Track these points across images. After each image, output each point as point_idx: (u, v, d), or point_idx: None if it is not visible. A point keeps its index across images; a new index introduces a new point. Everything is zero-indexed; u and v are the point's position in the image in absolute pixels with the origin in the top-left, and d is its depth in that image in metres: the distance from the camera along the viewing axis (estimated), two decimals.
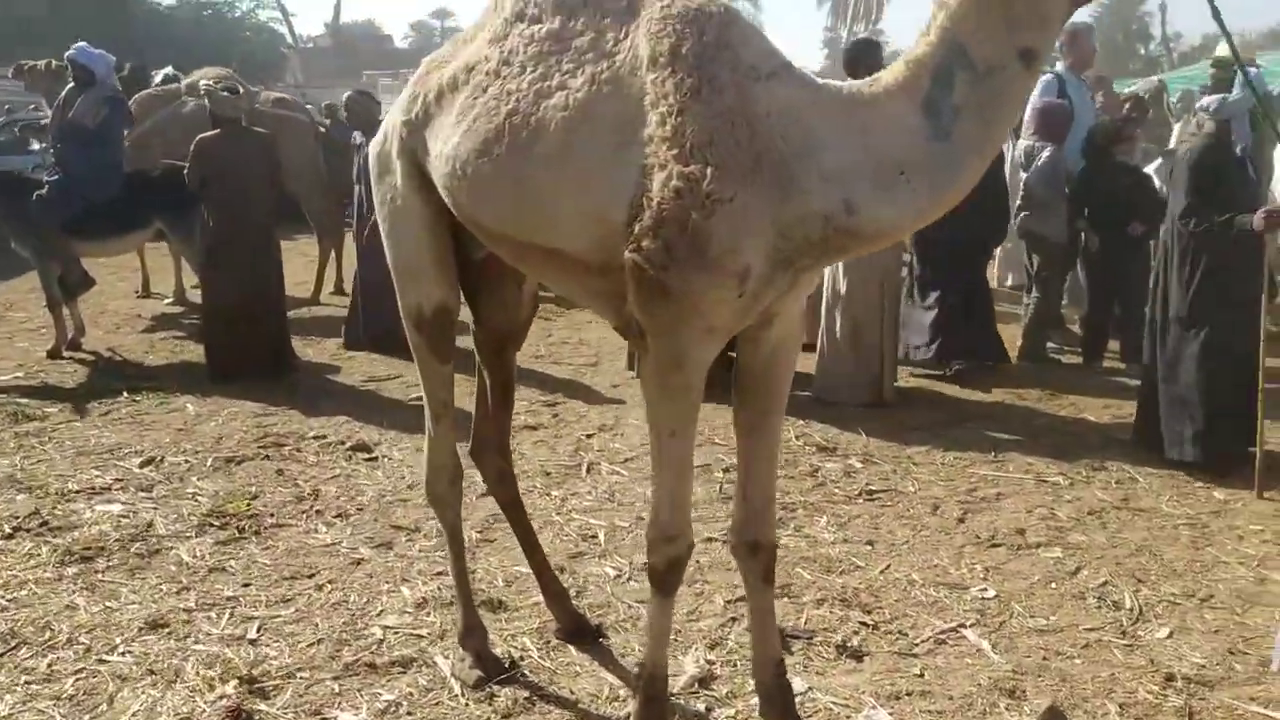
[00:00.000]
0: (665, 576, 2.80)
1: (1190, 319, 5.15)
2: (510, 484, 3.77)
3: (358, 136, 8.41)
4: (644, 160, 2.41)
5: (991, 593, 4.01)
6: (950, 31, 2.22)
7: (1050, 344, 7.61)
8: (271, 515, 4.81)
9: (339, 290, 10.18)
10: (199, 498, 5.02)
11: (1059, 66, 7.19)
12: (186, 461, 5.55)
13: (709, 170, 2.33)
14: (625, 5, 2.57)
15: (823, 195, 2.35)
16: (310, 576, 4.21)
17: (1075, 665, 3.49)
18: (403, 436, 5.96)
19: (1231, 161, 5.25)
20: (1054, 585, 4.08)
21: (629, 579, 4.18)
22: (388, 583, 4.15)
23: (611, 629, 3.77)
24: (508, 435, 3.84)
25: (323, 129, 11.23)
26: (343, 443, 5.88)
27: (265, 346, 7.31)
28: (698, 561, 4.29)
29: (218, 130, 7.13)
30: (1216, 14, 2.33)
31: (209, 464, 5.51)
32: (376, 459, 5.63)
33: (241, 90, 7.65)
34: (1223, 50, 6.72)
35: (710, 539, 4.52)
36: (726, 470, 5.38)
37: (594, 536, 4.59)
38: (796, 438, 5.91)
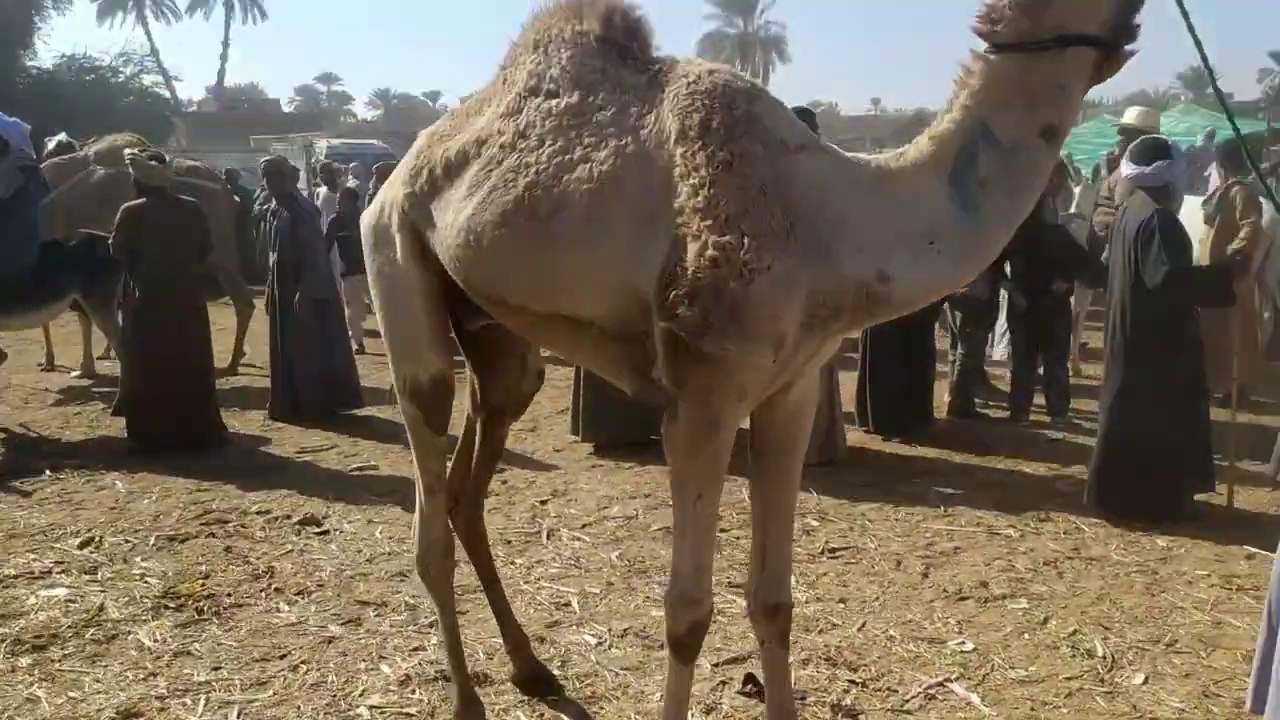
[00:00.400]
0: (687, 640, 2.81)
1: (1137, 378, 5.36)
2: (479, 532, 3.77)
3: (274, 204, 8.33)
4: (675, 231, 2.45)
5: (970, 646, 4.09)
6: (973, 110, 2.33)
7: (976, 399, 7.85)
8: (229, 595, 4.65)
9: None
10: (148, 579, 4.83)
11: None
12: (127, 541, 5.34)
13: (745, 240, 2.38)
14: (646, 81, 2.63)
15: (857, 264, 2.42)
16: (282, 657, 4.07)
17: (1063, 714, 3.59)
18: (351, 509, 5.84)
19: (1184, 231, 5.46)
20: (1027, 636, 4.19)
21: (610, 646, 4.15)
22: (364, 660, 4.04)
23: (602, 699, 3.74)
24: (484, 492, 3.82)
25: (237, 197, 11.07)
26: (289, 517, 5.73)
27: (192, 419, 7.12)
28: None
29: (144, 199, 6.96)
30: (1209, 72, 2.44)
31: (151, 543, 5.31)
32: (328, 533, 5.49)
33: (168, 158, 7.50)
34: (1129, 118, 7.11)
35: None
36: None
37: (567, 604, 4.54)
38: (749, 497, 5.94)
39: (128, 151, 7.31)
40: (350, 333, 11.10)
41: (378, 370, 10.03)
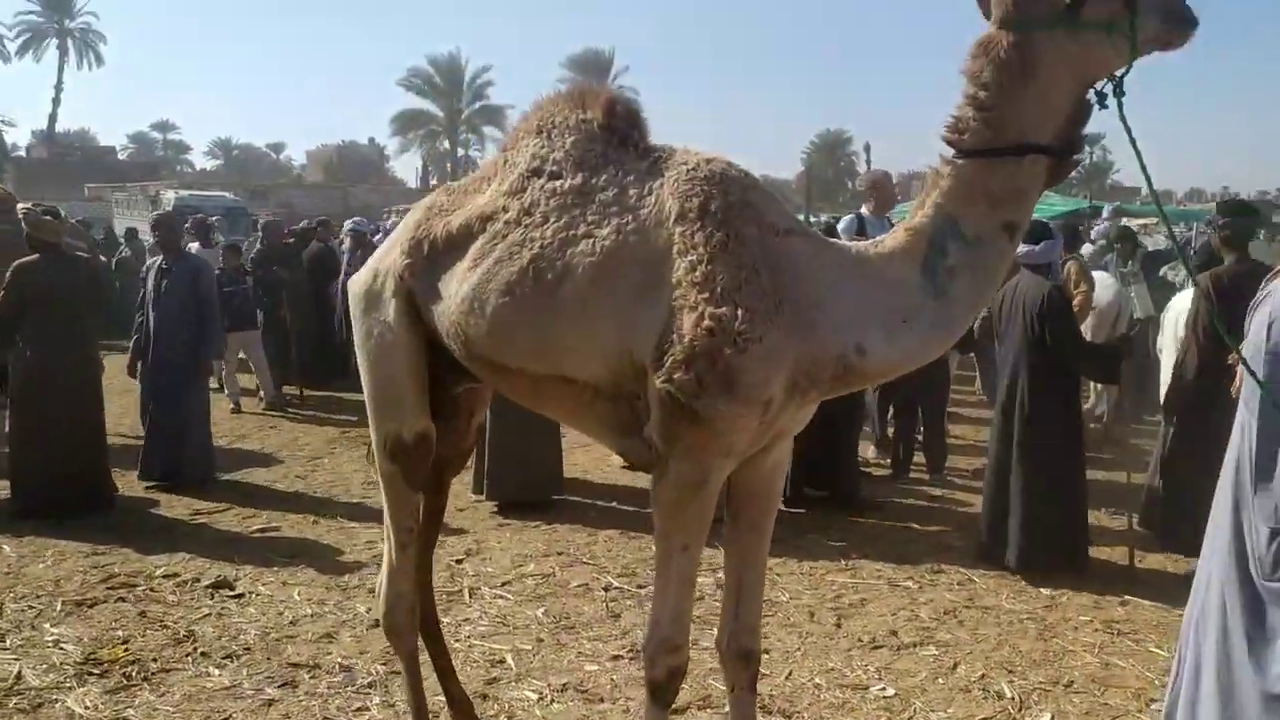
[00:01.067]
0: (666, 686, 2.97)
1: (1021, 441, 5.82)
2: (428, 587, 3.85)
3: (160, 259, 8.08)
4: (673, 302, 2.67)
5: (891, 691, 4.37)
6: (943, 207, 2.63)
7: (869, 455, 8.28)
8: (154, 659, 4.57)
9: None
10: (63, 645, 4.70)
11: (864, 208, 7.99)
12: (31, 607, 5.16)
13: (739, 312, 2.61)
14: (647, 166, 2.85)
15: (837, 339, 2.68)
16: None
17: None
18: (262, 571, 5.78)
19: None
20: (940, 680, 4.49)
21: (552, 701, 4.26)
22: None
23: None
24: (432, 546, 3.92)
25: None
26: (198, 580, 5.63)
27: (83, 480, 6.90)
28: (612, 680, 4.45)
29: (37, 255, 6.77)
30: (1140, 159, 2.74)
31: (58, 609, 5.15)
32: (243, 596, 5.42)
33: (63, 214, 7.30)
34: None
35: (617, 656, 4.68)
36: (607, 589, 5.55)
37: (502, 662, 4.63)
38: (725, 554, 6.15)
39: (21, 206, 7.10)
40: (227, 390, 10.91)
41: (259, 431, 9.90)
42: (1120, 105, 2.53)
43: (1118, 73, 2.53)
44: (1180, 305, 6.27)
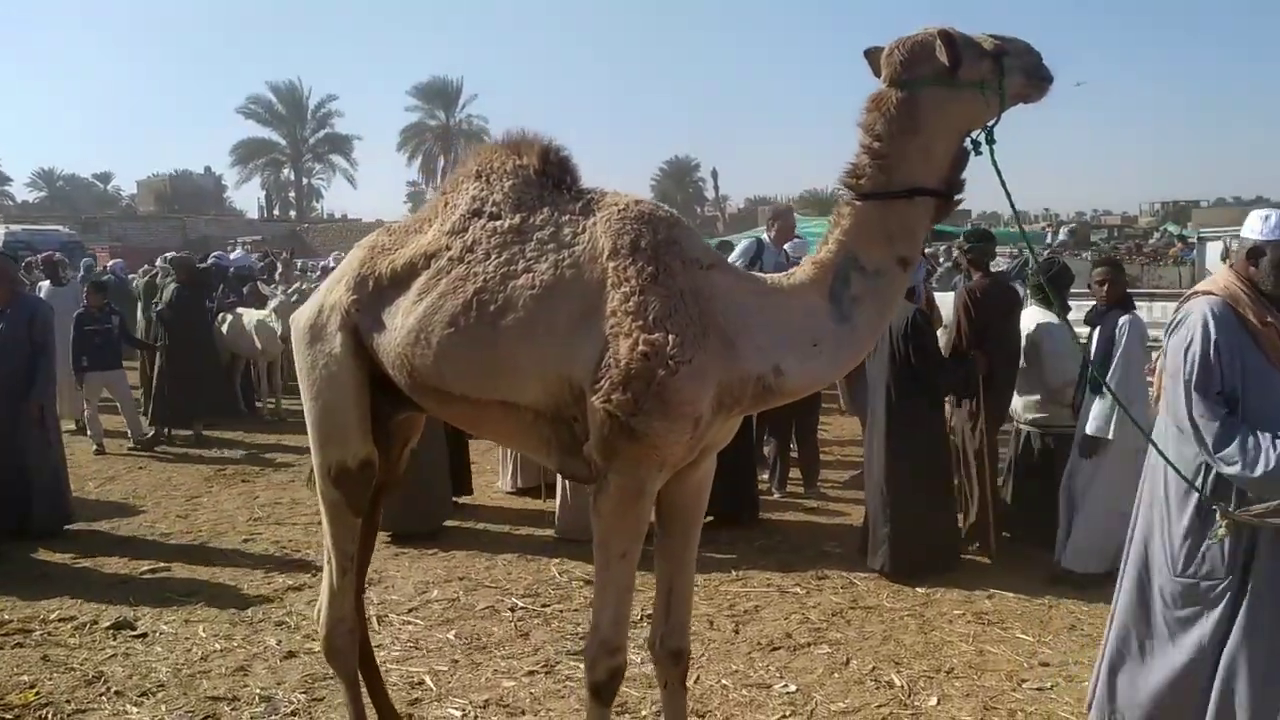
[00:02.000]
0: (607, 686, 3.21)
1: (904, 450, 6.28)
2: (360, 610, 3.96)
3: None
4: (608, 330, 2.94)
5: (793, 687, 4.70)
6: (845, 243, 2.99)
7: None
8: (67, 701, 4.55)
9: None
10: None
11: (765, 234, 8.44)
12: None
13: (670, 338, 2.90)
14: (580, 207, 3.12)
15: (758, 361, 3.00)
16: None
17: None
18: (161, 610, 5.76)
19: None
20: (836, 675, 4.85)
21: (475, 717, 4.43)
22: None
23: None
24: (366, 568, 4.04)
25: None
26: (95, 622, 5.57)
27: None
28: (531, 693, 4.65)
29: None
30: (1009, 197, 3.08)
31: None
32: (146, 635, 5.40)
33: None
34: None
35: (532, 672, 4.88)
36: (513, 610, 5.74)
37: (421, 683, 4.77)
38: (560, 574, 6.39)
39: None
40: (90, 432, 10.59)
41: (128, 473, 9.67)
42: (992, 151, 2.95)
43: (989, 123, 2.95)
44: (1026, 322, 6.86)
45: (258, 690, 4.68)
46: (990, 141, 2.95)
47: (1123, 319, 5.92)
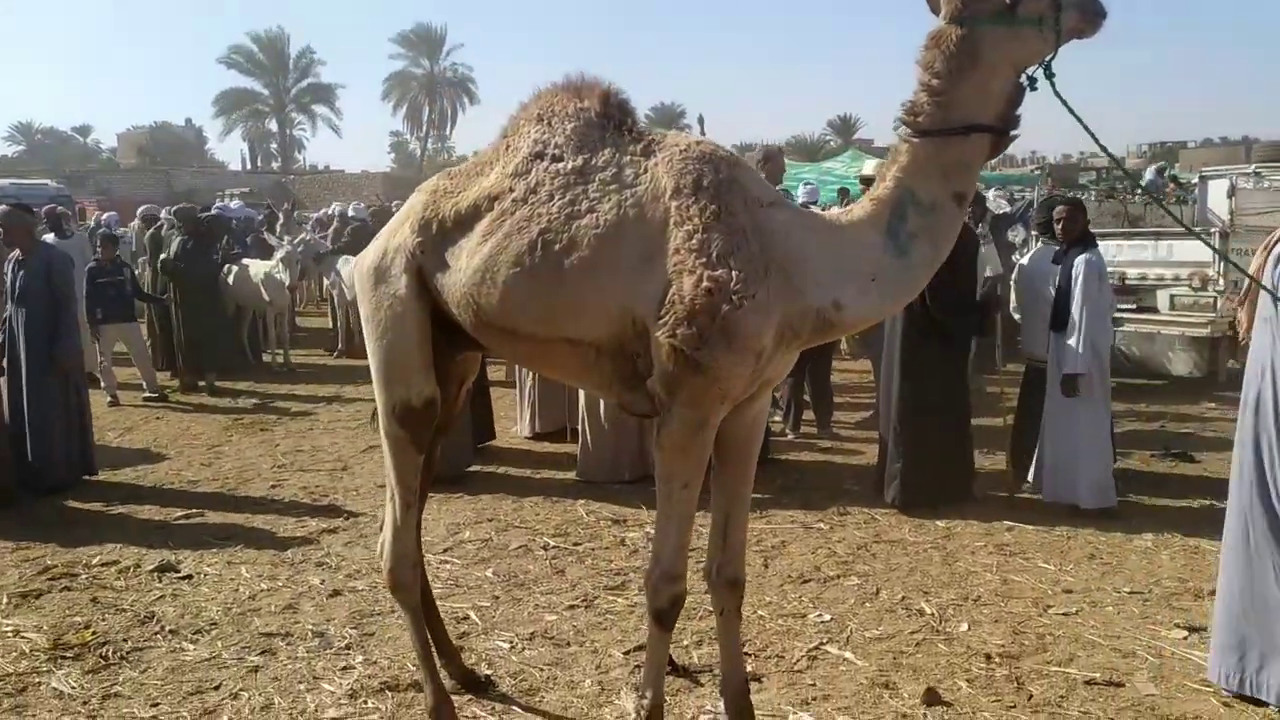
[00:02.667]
0: (668, 612, 3.34)
1: (903, 389, 6.45)
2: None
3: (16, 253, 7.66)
4: (671, 268, 3.04)
5: (827, 616, 4.87)
6: (902, 180, 3.06)
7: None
8: (124, 640, 4.68)
9: None
10: (24, 634, 4.75)
11: None
12: None
13: (734, 274, 2.99)
14: (641, 149, 3.20)
15: (817, 295, 3.10)
16: (216, 688, 4.21)
17: (918, 659, 4.41)
18: (203, 554, 5.88)
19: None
20: (868, 605, 5.02)
21: (524, 649, 4.58)
22: (301, 683, 4.25)
23: (539, 690, 4.17)
24: (423, 506, 4.14)
25: None
26: (138, 565, 5.70)
27: None
28: (574, 626, 4.80)
29: None
30: (1075, 114, 3.08)
31: (3, 603, 5.15)
32: (192, 578, 5.52)
33: None
34: (868, 169, 8.31)
35: (573, 606, 5.03)
36: (546, 549, 5.89)
37: (467, 618, 4.91)
38: (587, 514, 6.53)
39: None
40: (104, 384, 10.65)
41: (145, 424, 9.76)
42: (1053, 84, 2.99)
43: (1047, 58, 2.98)
44: (1038, 261, 6.98)
45: (309, 626, 4.82)
46: (1049, 76, 2.99)
47: (1079, 259, 6.18)
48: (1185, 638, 4.57)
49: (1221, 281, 9.67)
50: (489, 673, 4.30)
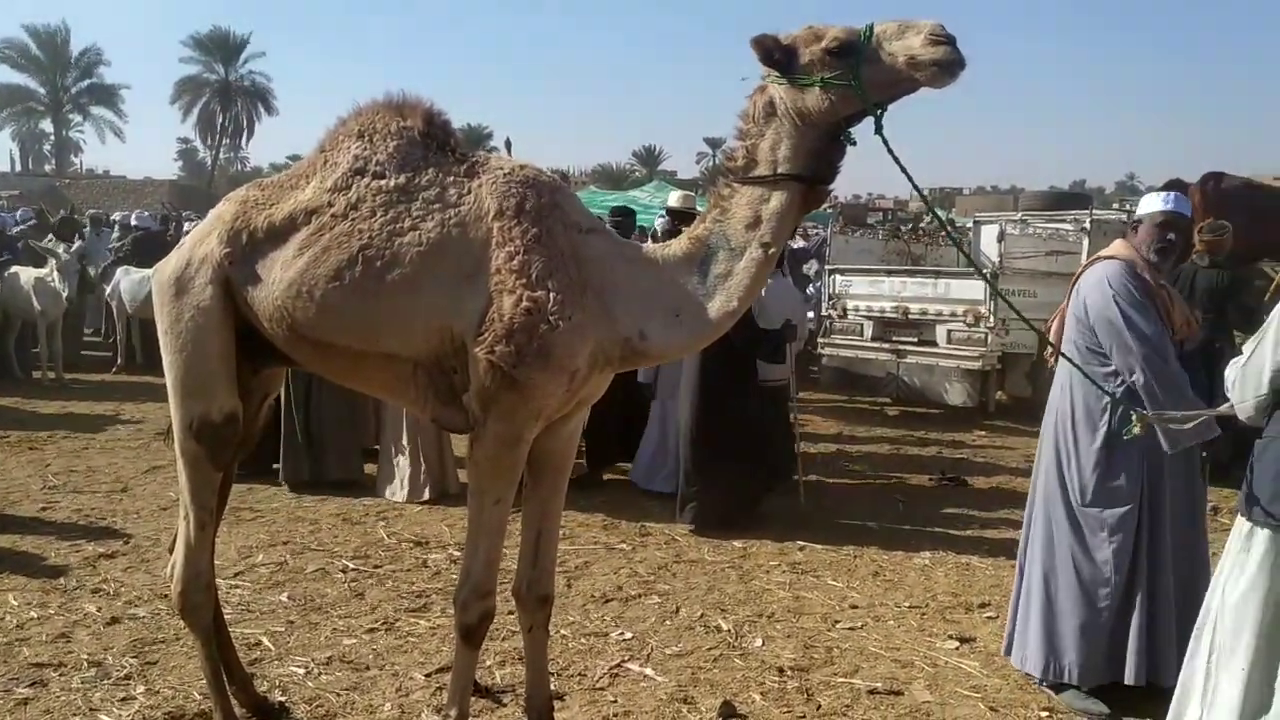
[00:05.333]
0: (477, 629, 3.35)
1: (698, 415, 6.69)
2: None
3: None
4: (492, 287, 3.07)
5: (629, 634, 4.95)
6: (718, 221, 3.16)
7: None
8: None
9: None
10: None
11: None
12: None
13: (552, 296, 3.05)
14: (464, 170, 3.23)
15: (626, 323, 3.18)
16: None
17: (715, 674, 4.54)
18: None
19: None
20: (668, 622, 5.14)
21: (320, 674, 4.45)
22: (77, 715, 4.00)
23: (337, 716, 4.07)
24: (218, 524, 3.98)
25: None
26: None
27: None
28: (373, 649, 4.71)
29: None
30: (908, 177, 3.20)
31: None
32: None
33: None
34: (673, 201, 8.54)
35: (372, 629, 4.94)
36: (345, 571, 5.76)
37: (259, 644, 4.73)
38: (388, 536, 6.42)
39: None
40: None
41: None
42: (883, 135, 2.95)
43: (877, 113, 2.93)
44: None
45: (84, 656, 4.53)
46: (878, 131, 2.95)
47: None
48: (957, 648, 4.91)
49: (993, 319, 10.42)
50: (283, 699, 4.16)
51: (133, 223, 16.15)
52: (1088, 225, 11.57)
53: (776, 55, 2.96)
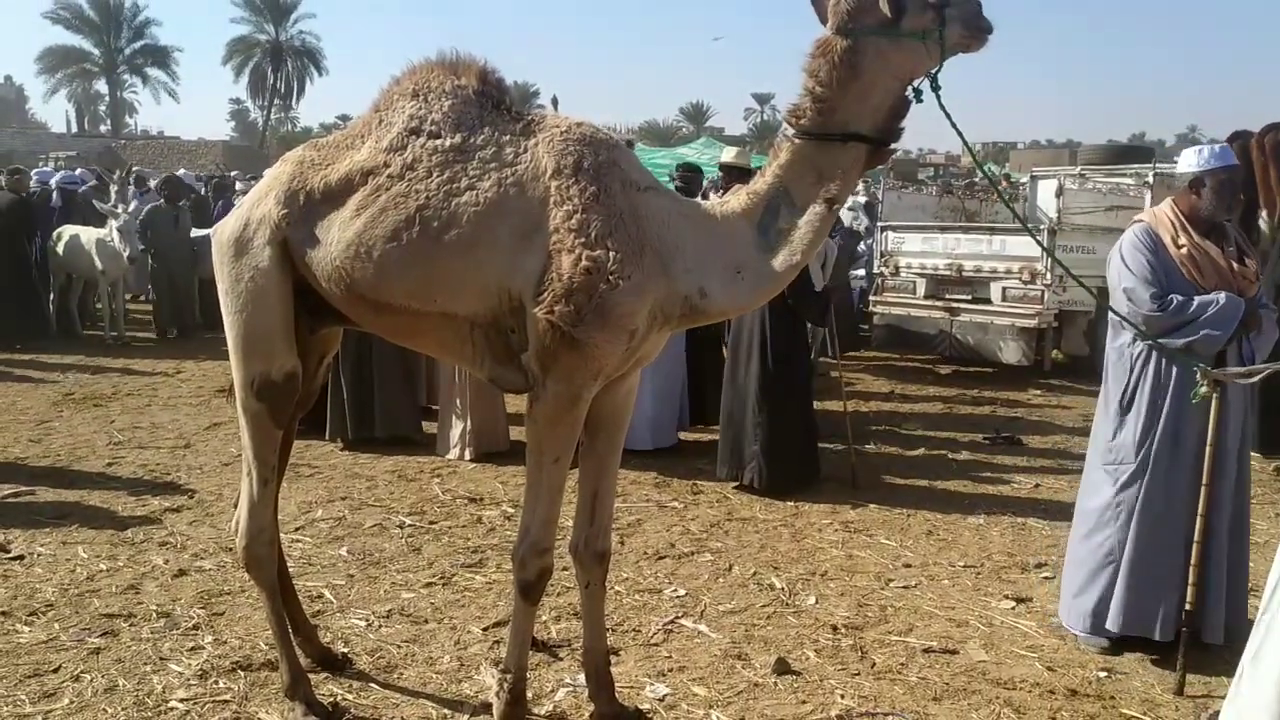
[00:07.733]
0: (535, 585, 3.39)
1: (765, 378, 6.63)
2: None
3: None
4: (550, 246, 3.08)
5: (682, 591, 4.99)
6: (780, 177, 3.14)
7: None
8: None
9: None
10: None
11: None
12: None
13: (611, 255, 3.05)
14: (520, 128, 3.22)
15: (685, 281, 3.18)
16: (55, 671, 4.03)
17: (768, 631, 4.58)
18: (35, 533, 5.60)
19: None
20: (721, 580, 5.17)
21: (381, 626, 4.54)
22: (147, 664, 4.11)
23: (397, 667, 4.15)
24: (280, 479, 4.04)
25: None
26: None
27: None
28: (431, 604, 4.79)
29: None
30: (953, 124, 3.23)
31: None
32: (23, 557, 5.25)
33: None
34: (727, 156, 8.46)
35: (430, 584, 5.02)
36: (401, 527, 5.85)
37: (320, 596, 4.84)
38: (443, 493, 6.51)
39: None
40: None
41: None
42: (939, 96, 3.05)
43: (933, 71, 3.02)
44: None
45: (153, 607, 4.66)
46: (936, 89, 3.04)
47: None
48: (1013, 608, 4.89)
49: (1049, 276, 10.25)
50: (345, 650, 4.25)
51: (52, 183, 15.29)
52: (1150, 179, 11.30)
53: (894, 5, 2.92)
